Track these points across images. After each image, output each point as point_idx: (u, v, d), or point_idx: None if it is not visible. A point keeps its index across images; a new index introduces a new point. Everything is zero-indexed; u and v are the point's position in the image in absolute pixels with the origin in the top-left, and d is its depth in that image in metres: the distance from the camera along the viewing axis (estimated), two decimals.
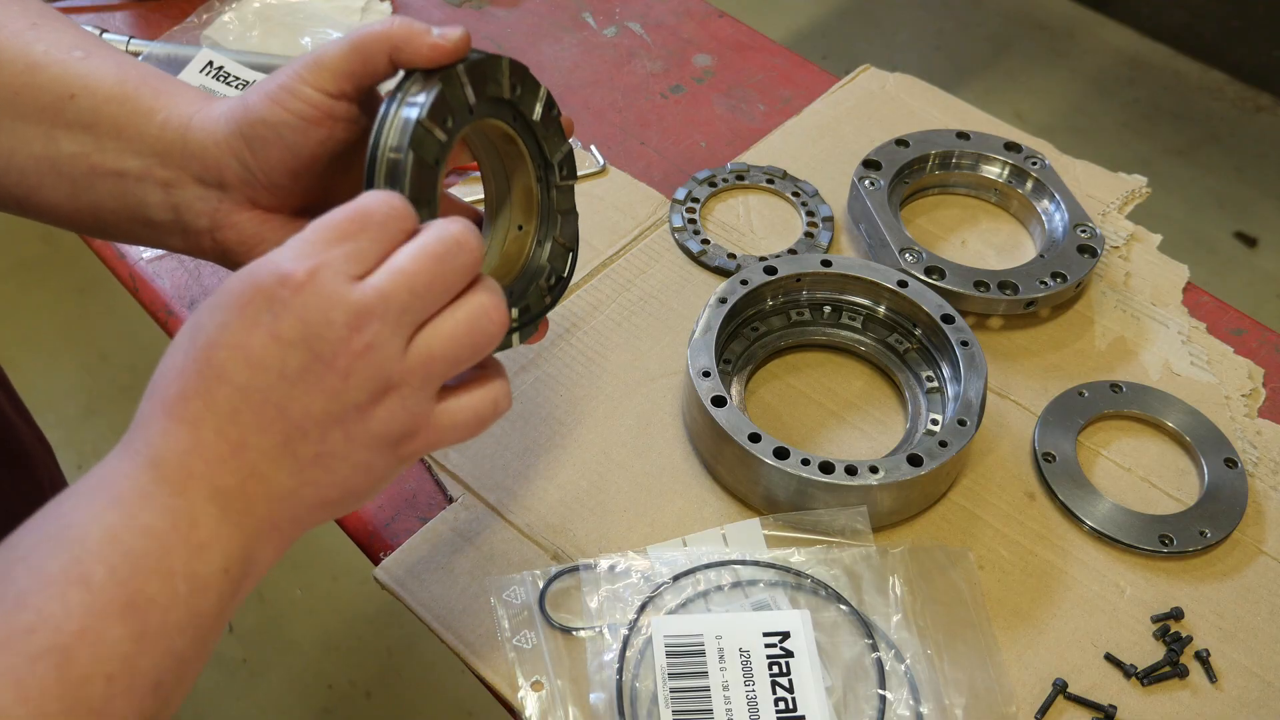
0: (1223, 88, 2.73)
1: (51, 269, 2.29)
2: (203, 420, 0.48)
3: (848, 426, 0.84)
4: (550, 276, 0.66)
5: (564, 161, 0.67)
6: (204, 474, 0.48)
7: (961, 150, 0.99)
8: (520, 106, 0.63)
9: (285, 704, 1.70)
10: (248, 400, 0.48)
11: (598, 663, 0.69)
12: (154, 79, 0.62)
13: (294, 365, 0.48)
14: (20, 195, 0.62)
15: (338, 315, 0.47)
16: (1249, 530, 0.79)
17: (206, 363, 0.48)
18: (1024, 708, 0.70)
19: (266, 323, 0.47)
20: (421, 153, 0.56)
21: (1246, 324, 0.92)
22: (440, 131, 0.57)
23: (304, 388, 0.48)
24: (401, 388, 0.50)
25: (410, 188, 0.55)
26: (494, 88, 0.60)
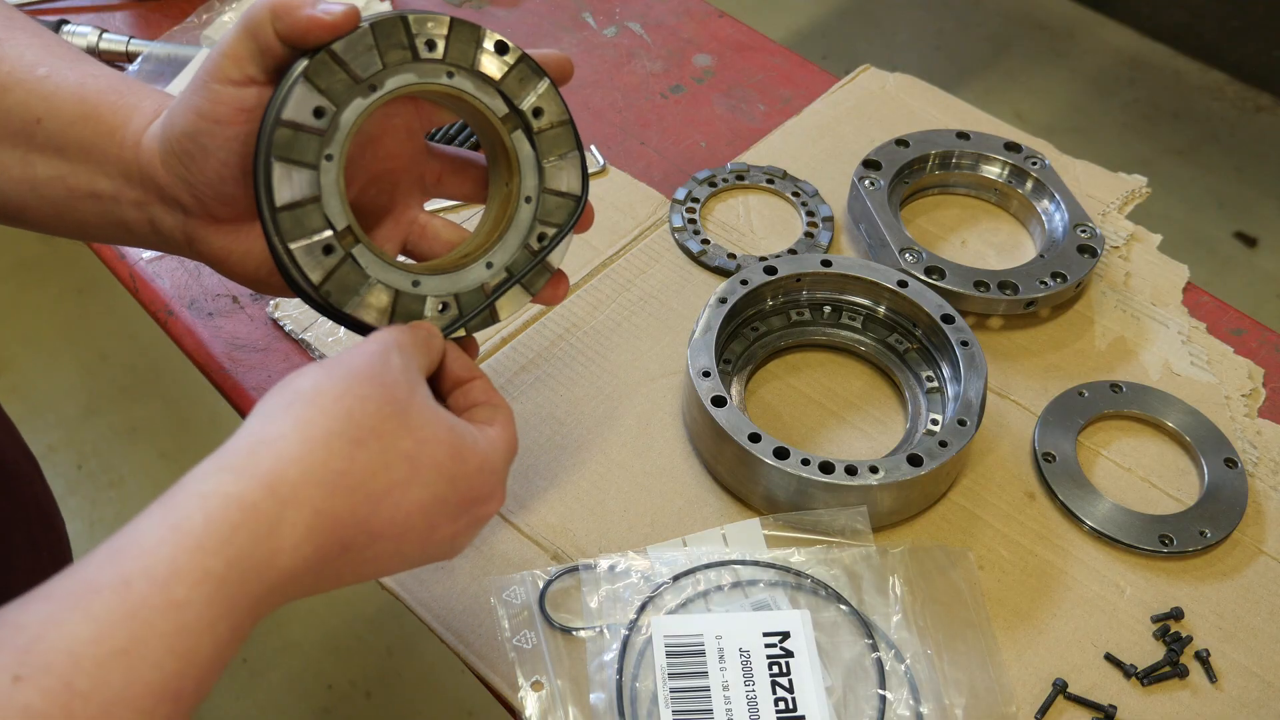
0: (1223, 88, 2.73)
1: (51, 269, 2.29)
2: (350, 550, 0.50)
3: (848, 426, 0.84)
4: (537, 235, 0.64)
5: (540, 106, 0.62)
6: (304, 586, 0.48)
7: (961, 150, 0.99)
8: (454, 60, 0.60)
9: (285, 704, 1.70)
10: (395, 560, 0.53)
11: (598, 663, 0.69)
12: (113, 93, 0.60)
13: (438, 554, 0.55)
14: (9, 214, 0.62)
15: (486, 520, 0.58)
16: (1249, 530, 0.79)
17: (405, 520, 0.51)
18: (1024, 708, 0.70)
19: (463, 523, 0.55)
20: (290, 154, 0.55)
21: (1246, 324, 0.92)
22: (313, 122, 0.56)
23: (425, 558, 0.55)
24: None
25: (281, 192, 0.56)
26: (399, 53, 0.58)
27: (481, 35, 0.60)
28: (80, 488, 1.95)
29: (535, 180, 0.64)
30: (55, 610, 0.41)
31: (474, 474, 0.54)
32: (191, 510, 0.45)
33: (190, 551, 0.43)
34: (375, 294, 0.60)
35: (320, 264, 0.58)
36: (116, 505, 1.93)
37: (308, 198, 0.57)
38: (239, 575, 0.44)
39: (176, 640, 0.42)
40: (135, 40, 1.08)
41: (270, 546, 0.46)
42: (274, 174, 0.56)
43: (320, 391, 0.50)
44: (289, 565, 0.46)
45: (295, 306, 0.88)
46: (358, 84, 0.57)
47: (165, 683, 0.42)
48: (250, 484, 0.46)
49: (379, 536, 0.50)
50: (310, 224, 0.57)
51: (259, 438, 0.48)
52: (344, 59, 0.57)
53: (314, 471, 0.47)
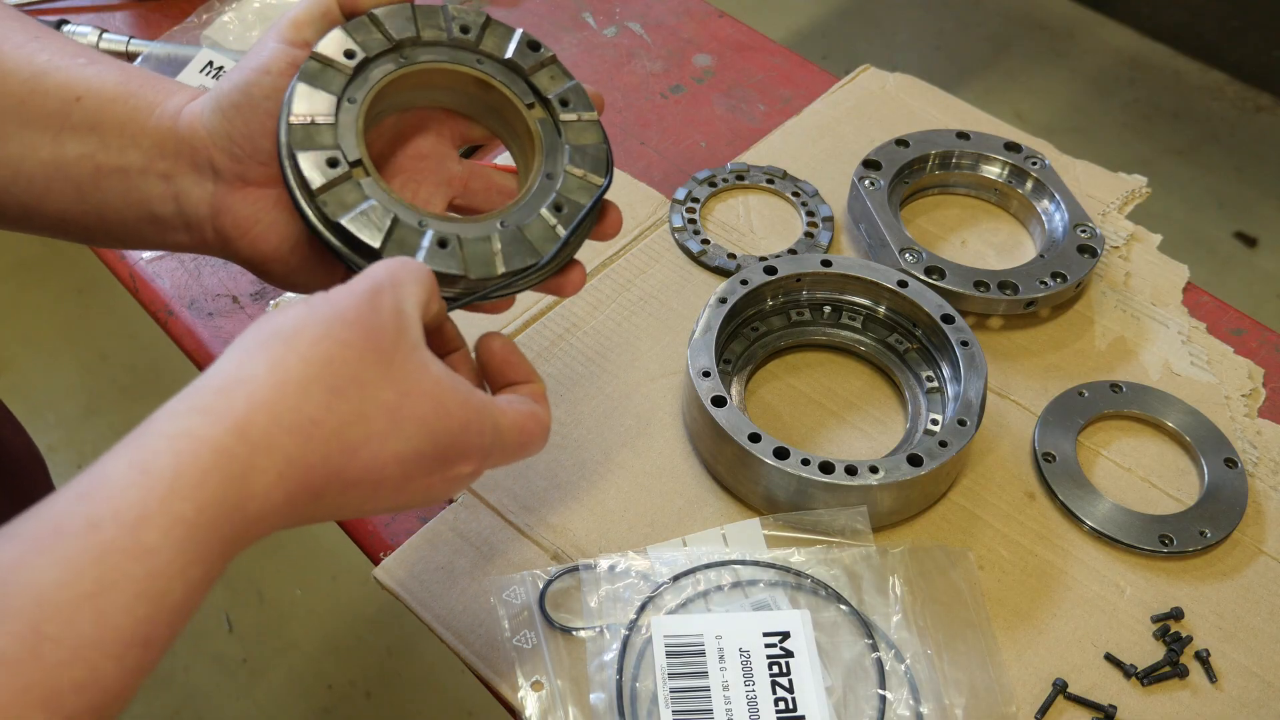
0: (1223, 88, 2.73)
1: (51, 269, 2.29)
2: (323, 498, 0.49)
3: (848, 426, 0.84)
4: (560, 208, 0.63)
5: (568, 96, 0.65)
6: (271, 530, 0.48)
7: (961, 150, 0.99)
8: (486, 49, 0.64)
9: (285, 704, 1.70)
10: (371, 504, 0.52)
11: (598, 663, 0.69)
12: (156, 79, 0.63)
13: (413, 503, 0.54)
14: (28, 202, 0.63)
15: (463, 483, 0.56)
16: (1249, 530, 0.79)
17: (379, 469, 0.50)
18: (1024, 708, 0.70)
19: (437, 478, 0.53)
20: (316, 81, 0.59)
21: (1246, 324, 0.92)
22: (342, 60, 0.60)
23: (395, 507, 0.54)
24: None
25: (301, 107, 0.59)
26: (434, 31, 0.62)
27: (514, 31, 0.64)
28: None
29: (558, 160, 0.65)
30: (22, 552, 0.41)
31: (457, 430, 0.52)
32: (160, 452, 0.44)
33: (160, 496, 0.43)
34: (374, 213, 0.59)
35: (323, 172, 0.59)
36: None
37: (323, 119, 0.59)
38: (209, 520, 0.44)
39: (146, 584, 0.42)
40: (135, 40, 1.08)
41: (241, 492, 0.45)
42: (295, 92, 0.59)
43: (299, 332, 0.49)
44: (259, 510, 0.46)
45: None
46: (391, 47, 0.61)
47: (135, 627, 0.41)
48: (221, 428, 0.45)
49: (353, 484, 0.49)
50: (321, 140, 0.59)
51: (233, 377, 0.47)
52: (382, 21, 0.61)
53: (286, 418, 0.46)
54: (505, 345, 0.61)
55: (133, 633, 0.41)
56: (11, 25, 0.64)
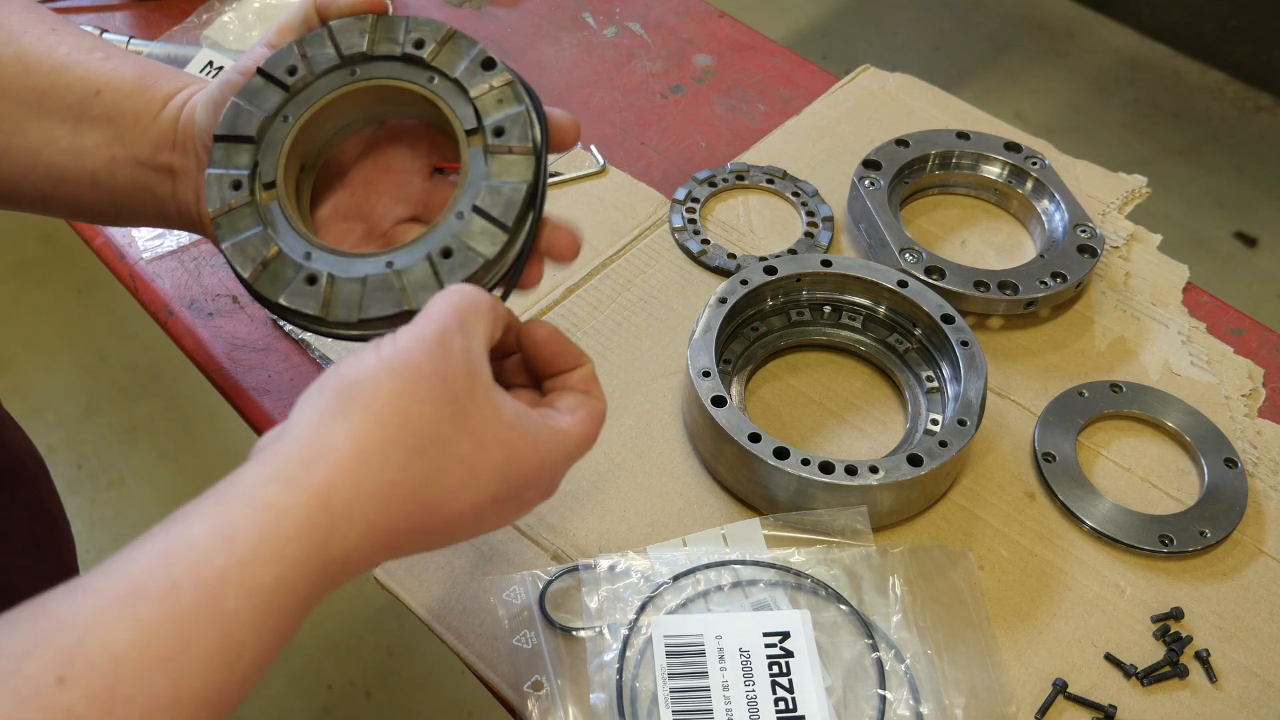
0: (1223, 88, 2.73)
1: (51, 269, 2.29)
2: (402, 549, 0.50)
3: (848, 426, 0.84)
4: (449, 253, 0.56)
5: (504, 125, 0.58)
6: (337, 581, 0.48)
7: (961, 150, 0.99)
8: (440, 66, 0.60)
9: (285, 704, 1.70)
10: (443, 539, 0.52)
11: (598, 663, 0.69)
12: (170, 72, 0.65)
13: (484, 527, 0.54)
14: (46, 190, 0.65)
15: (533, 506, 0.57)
16: (1249, 530, 0.79)
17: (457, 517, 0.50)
18: (1024, 708, 0.70)
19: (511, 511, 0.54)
20: (252, 99, 0.59)
21: (1246, 324, 0.92)
22: (283, 77, 0.59)
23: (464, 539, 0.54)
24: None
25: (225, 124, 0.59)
26: (389, 45, 0.60)
27: (473, 48, 0.60)
28: (80, 488, 1.95)
29: (471, 198, 0.58)
30: (101, 611, 0.41)
31: (529, 472, 0.52)
32: (244, 521, 0.44)
33: (242, 563, 0.43)
34: (254, 242, 0.58)
35: (222, 195, 0.59)
36: (116, 505, 1.93)
37: (244, 136, 0.59)
38: (289, 586, 0.44)
39: (223, 651, 0.42)
40: (135, 40, 1.08)
41: (323, 556, 0.45)
42: (227, 108, 0.59)
43: (376, 393, 0.48)
44: (338, 570, 0.47)
45: None
46: (340, 63, 0.60)
47: (207, 692, 0.41)
48: (304, 498, 0.45)
49: (430, 533, 0.50)
50: (234, 160, 0.59)
51: (314, 447, 0.47)
52: (335, 34, 0.60)
53: (368, 483, 0.46)
54: (551, 335, 0.58)
55: (205, 696, 0.41)
56: (29, 18, 0.66)
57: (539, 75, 1.11)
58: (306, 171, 0.63)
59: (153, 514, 1.92)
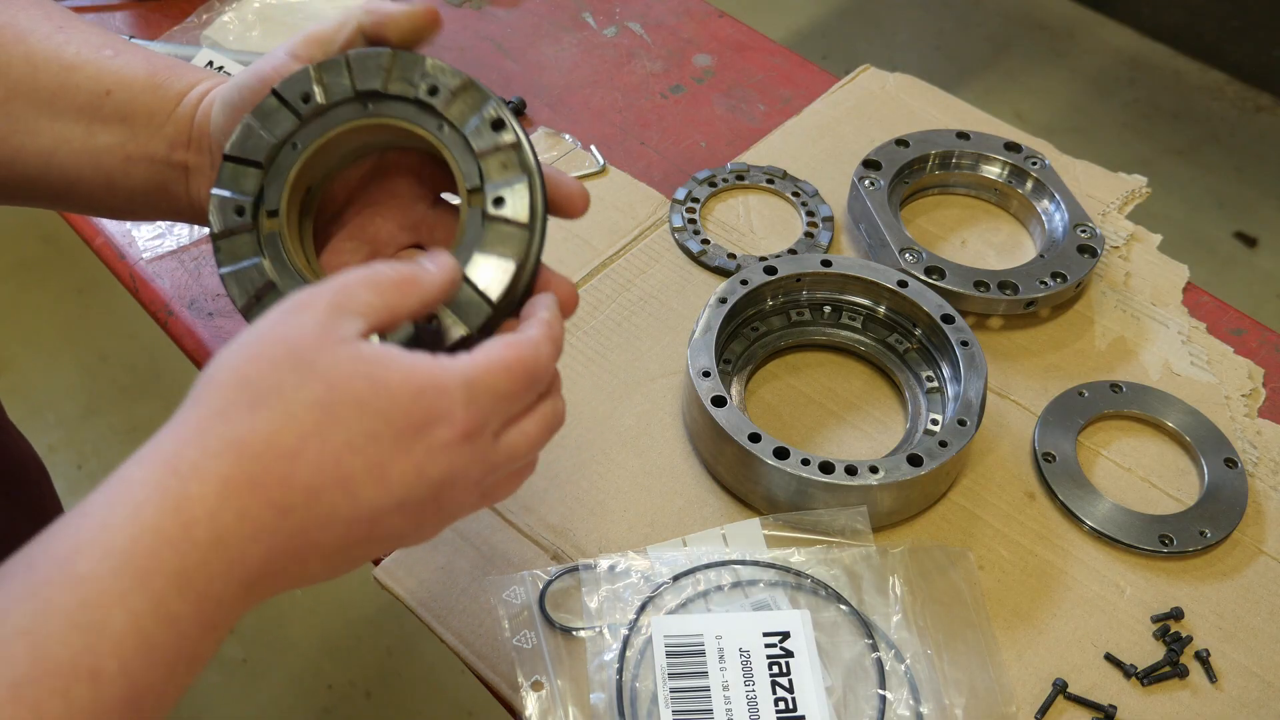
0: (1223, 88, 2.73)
1: (51, 269, 2.29)
2: (291, 513, 0.46)
3: (848, 426, 0.84)
4: (431, 319, 0.56)
5: (504, 195, 0.57)
6: (253, 564, 0.46)
7: (961, 150, 0.99)
8: (452, 116, 0.58)
9: (285, 704, 1.70)
10: (353, 510, 0.48)
11: (598, 663, 0.69)
12: (181, 67, 0.65)
13: (414, 499, 0.49)
14: (61, 189, 0.65)
15: (474, 472, 0.51)
16: (1249, 530, 0.79)
17: (334, 463, 0.47)
18: (1024, 708, 0.70)
19: (419, 455, 0.48)
20: (264, 120, 0.58)
21: (1246, 324, 0.92)
22: (298, 104, 0.58)
23: (403, 518, 0.49)
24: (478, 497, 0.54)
25: (235, 146, 0.58)
26: (403, 86, 0.58)
27: (486, 104, 0.57)
28: (80, 488, 1.95)
29: (463, 260, 0.57)
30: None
31: (406, 400, 0.48)
32: (95, 498, 0.44)
33: (92, 530, 0.43)
34: (252, 273, 0.58)
35: (225, 219, 0.58)
36: None
37: (252, 160, 0.59)
38: (147, 548, 0.43)
39: (79, 614, 0.41)
40: (135, 40, 1.08)
41: (179, 518, 0.44)
42: (239, 127, 0.58)
43: (219, 366, 0.48)
44: (212, 535, 0.44)
45: None
46: (354, 96, 0.59)
47: (74, 659, 0.40)
48: (149, 468, 0.45)
49: (317, 489, 0.47)
50: (241, 184, 0.58)
51: (165, 430, 0.47)
52: (353, 67, 0.58)
53: (212, 444, 0.45)
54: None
55: (72, 664, 0.40)
56: (36, 15, 0.65)
57: (539, 75, 1.11)
58: (312, 193, 0.63)
59: None
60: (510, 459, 0.53)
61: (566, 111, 1.07)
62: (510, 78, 1.11)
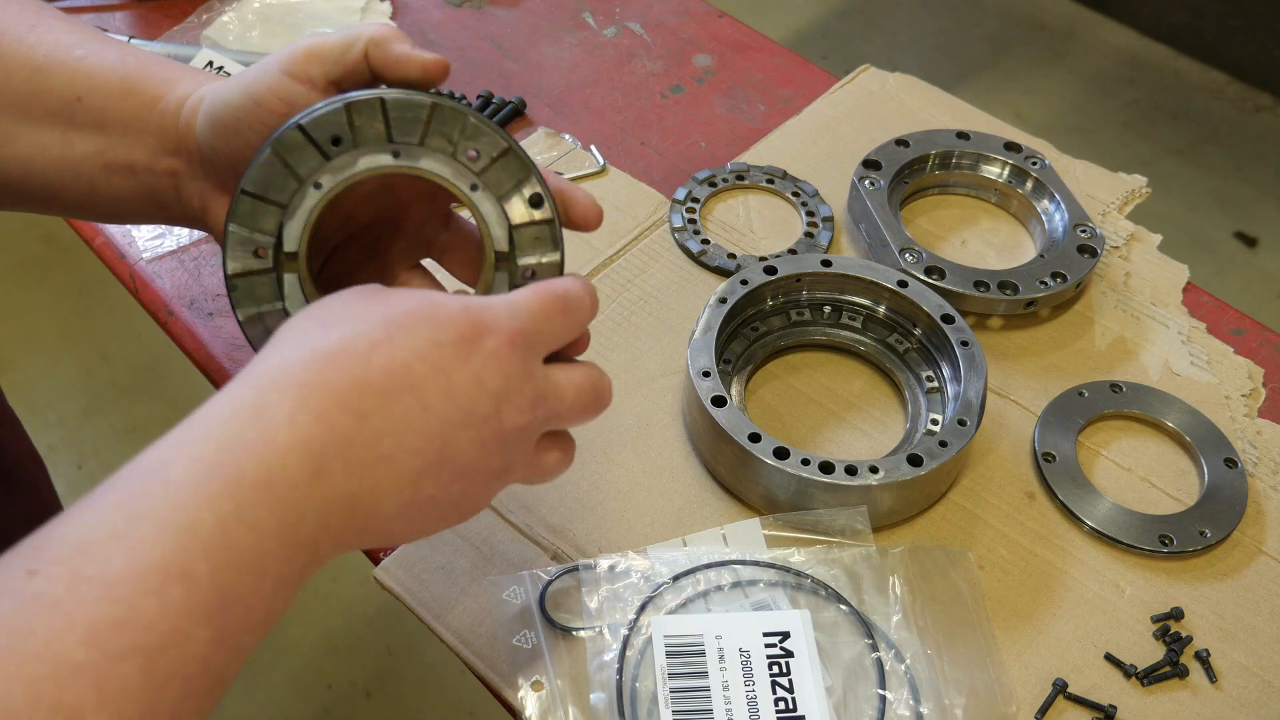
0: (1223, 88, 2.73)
1: (51, 269, 2.29)
2: (368, 418, 0.48)
3: (848, 426, 0.84)
4: None
5: (537, 270, 0.59)
6: (333, 477, 0.47)
7: (961, 150, 0.99)
8: (488, 182, 0.57)
9: (285, 704, 1.70)
10: (425, 421, 0.50)
11: (598, 663, 0.69)
12: (154, 66, 0.62)
13: (479, 414, 0.51)
14: (44, 196, 0.64)
15: (528, 390, 0.53)
16: (1249, 530, 0.79)
17: (404, 368, 0.49)
18: (1024, 708, 0.70)
19: (476, 364, 0.51)
20: (288, 156, 0.54)
21: (1246, 324, 0.92)
22: (327, 145, 0.54)
23: (471, 435, 0.51)
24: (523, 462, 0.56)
25: (256, 182, 0.55)
26: (441, 141, 0.56)
27: (525, 179, 0.57)
28: (80, 488, 1.95)
29: None
30: (64, 516, 0.43)
31: (459, 312, 0.52)
32: (183, 424, 0.47)
33: (177, 445, 0.45)
34: (269, 318, 0.57)
35: (243, 260, 0.56)
36: None
37: (274, 200, 0.56)
38: (232, 455, 0.45)
39: (170, 514, 0.43)
40: (135, 40, 1.08)
41: (261, 424, 0.46)
42: (260, 159, 0.55)
43: (297, 316, 0.53)
44: (291, 439, 0.46)
45: None
46: (389, 142, 0.56)
47: (167, 558, 0.42)
48: (235, 386, 0.48)
49: (390, 394, 0.49)
50: (259, 222, 0.56)
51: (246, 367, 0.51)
52: (391, 114, 0.55)
53: (288, 355, 0.49)
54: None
55: (165, 564, 0.42)
56: (9, 12, 0.63)
57: (539, 75, 1.11)
58: (328, 226, 0.62)
59: None
60: (557, 397, 0.55)
61: (566, 111, 1.07)
62: (510, 78, 1.11)
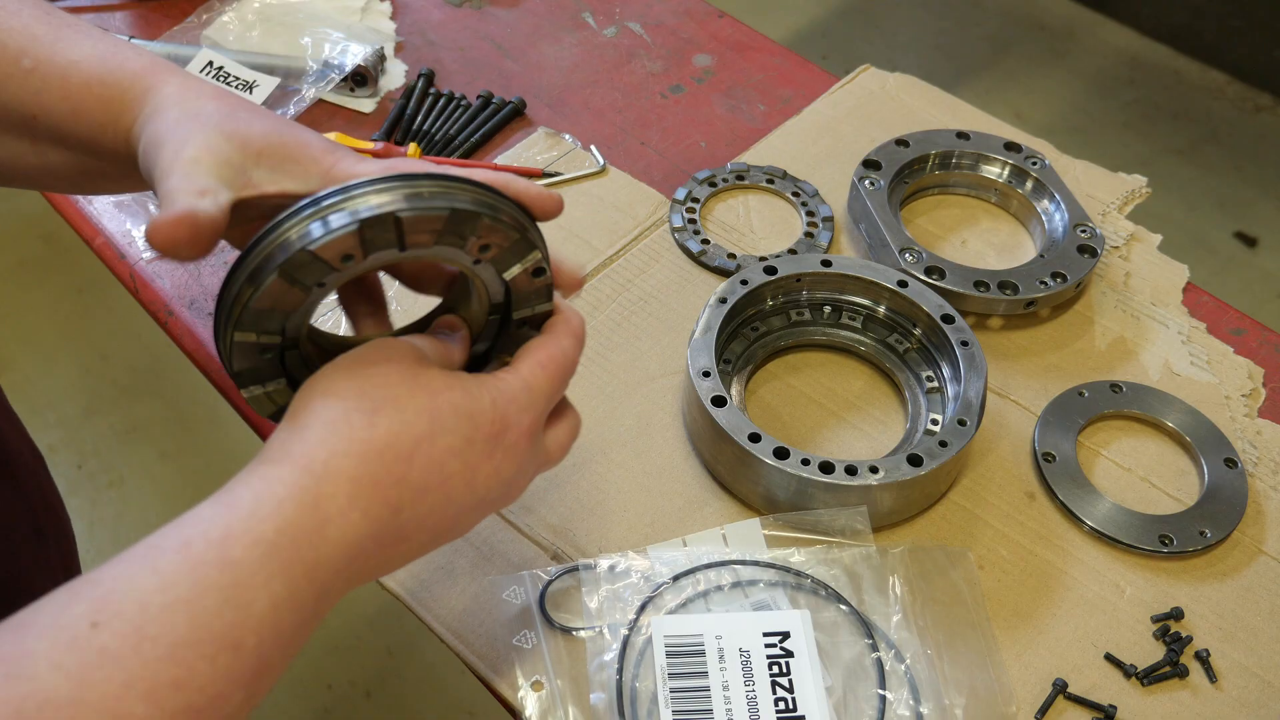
0: (1223, 88, 2.73)
1: (51, 269, 2.29)
2: (402, 511, 0.52)
3: (848, 426, 0.84)
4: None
5: (537, 318, 0.60)
6: (361, 562, 0.51)
7: (961, 150, 0.99)
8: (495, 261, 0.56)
9: (285, 704, 1.70)
10: (446, 510, 0.54)
11: (598, 663, 0.69)
12: (98, 85, 0.58)
13: (490, 499, 0.57)
14: (40, 186, 0.66)
15: (531, 469, 0.59)
16: (1249, 530, 0.79)
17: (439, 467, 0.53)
18: (1024, 708, 0.70)
19: (498, 458, 0.56)
20: (296, 275, 0.51)
21: (1246, 324, 0.92)
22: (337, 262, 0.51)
23: (476, 515, 0.57)
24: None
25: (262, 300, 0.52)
26: (453, 240, 0.54)
27: (529, 254, 0.57)
28: (80, 488, 1.95)
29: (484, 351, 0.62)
30: (125, 567, 0.45)
31: (489, 408, 0.55)
32: (241, 492, 0.49)
33: (243, 519, 0.47)
34: (277, 395, 0.57)
35: (250, 359, 0.55)
36: (116, 505, 1.93)
37: (281, 309, 0.53)
38: (289, 541, 0.48)
39: (232, 592, 0.45)
40: (135, 40, 1.08)
41: (316, 516, 0.49)
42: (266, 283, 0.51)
43: (333, 380, 0.53)
44: (341, 533, 0.49)
45: None
46: (400, 251, 0.53)
47: (225, 631, 0.45)
48: (287, 468, 0.50)
49: (425, 490, 0.53)
50: (265, 325, 0.54)
51: (287, 433, 0.52)
52: (405, 229, 0.52)
53: (340, 445, 0.51)
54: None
55: (223, 635, 0.45)
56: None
57: (539, 75, 1.11)
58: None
59: (152, 514, 1.92)
60: (548, 460, 0.61)
61: (566, 111, 1.07)
62: (510, 78, 1.11)
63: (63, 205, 0.98)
